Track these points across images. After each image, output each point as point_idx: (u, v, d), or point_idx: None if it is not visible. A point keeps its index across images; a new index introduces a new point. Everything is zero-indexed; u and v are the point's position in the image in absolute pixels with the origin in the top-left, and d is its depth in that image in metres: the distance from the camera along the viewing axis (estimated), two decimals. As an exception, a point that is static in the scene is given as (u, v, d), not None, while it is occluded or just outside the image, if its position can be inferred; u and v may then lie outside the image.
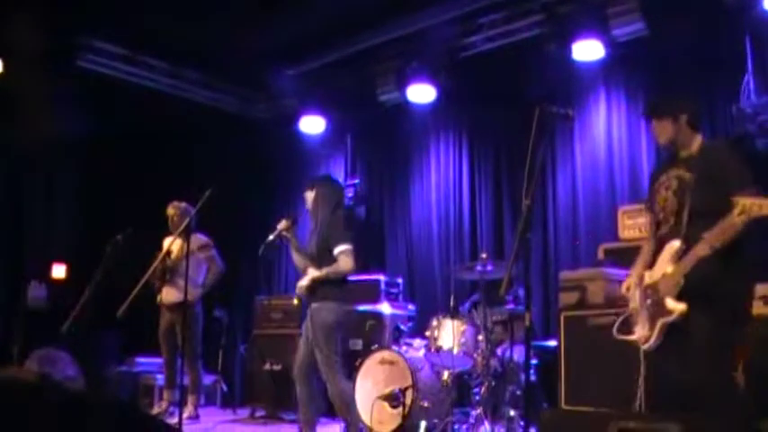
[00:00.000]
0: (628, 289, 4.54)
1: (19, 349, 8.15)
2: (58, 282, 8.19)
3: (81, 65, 9.30)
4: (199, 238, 7.74)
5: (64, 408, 3.99)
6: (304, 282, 5.93)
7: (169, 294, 7.68)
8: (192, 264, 7.01)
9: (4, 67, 8.53)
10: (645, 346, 4.33)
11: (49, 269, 9.05)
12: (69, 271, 9.27)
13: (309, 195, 6.13)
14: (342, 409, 6.01)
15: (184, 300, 6.53)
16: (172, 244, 7.43)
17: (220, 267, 8.02)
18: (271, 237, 6.05)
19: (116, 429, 3.43)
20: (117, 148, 9.69)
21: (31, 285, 7.90)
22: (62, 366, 7.79)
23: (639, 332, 4.36)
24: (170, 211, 7.89)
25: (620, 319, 4.57)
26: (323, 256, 5.91)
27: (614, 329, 4.59)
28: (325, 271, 5.85)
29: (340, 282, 5.93)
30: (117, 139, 9.62)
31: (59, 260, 9.06)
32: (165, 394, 8.04)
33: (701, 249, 4.02)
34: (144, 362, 9.18)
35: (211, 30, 8.77)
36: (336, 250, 5.86)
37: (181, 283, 6.70)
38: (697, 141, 4.45)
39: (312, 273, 5.90)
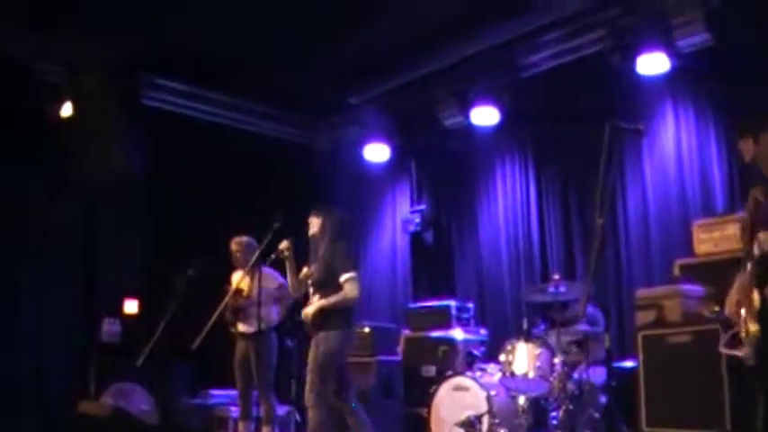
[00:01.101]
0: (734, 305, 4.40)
1: (95, 384, 8.25)
2: (130, 317, 8.29)
3: (145, 103, 9.45)
4: (272, 278, 7.65)
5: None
6: (311, 310, 5.99)
7: (243, 325, 7.67)
8: (265, 300, 7.03)
9: (73, 108, 8.70)
10: (752, 363, 4.20)
11: (121, 305, 9.17)
12: (141, 306, 9.37)
13: (315, 222, 6.23)
14: None
15: (258, 329, 6.59)
16: (241, 281, 7.42)
17: (289, 302, 7.95)
18: (272, 255, 6.29)
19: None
20: (183, 182, 9.80)
21: (105, 321, 7.99)
22: (136, 400, 7.88)
23: (745, 350, 4.23)
24: (233, 246, 7.87)
25: (729, 334, 4.42)
26: (326, 284, 6.01)
27: (722, 345, 4.45)
28: (333, 299, 5.94)
29: (346, 309, 6.03)
30: (183, 173, 9.73)
31: (131, 296, 9.17)
32: (240, 426, 8.02)
33: None
34: (218, 394, 9.18)
35: (272, 61, 8.84)
36: (343, 278, 5.95)
37: (254, 313, 6.77)
38: None
39: (320, 301, 5.97)
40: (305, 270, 6.23)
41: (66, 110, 8.73)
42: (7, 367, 9.26)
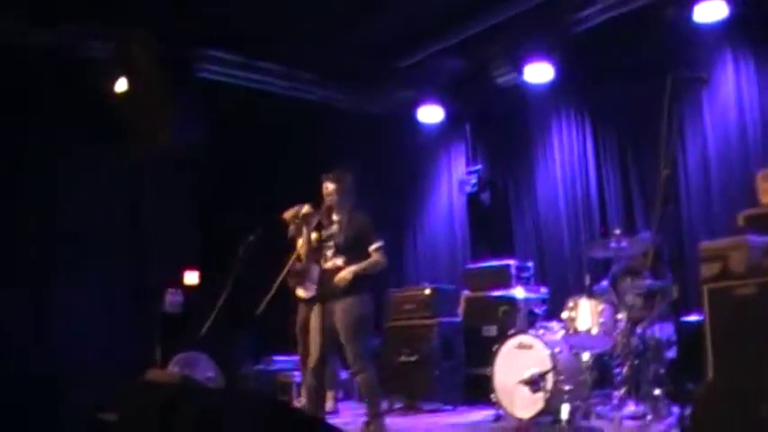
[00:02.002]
0: None
1: (160, 354, 8.39)
2: (191, 288, 8.40)
3: (199, 75, 9.50)
4: None
5: (206, 406, 4.07)
6: (347, 275, 6.02)
7: (305, 290, 7.72)
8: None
9: (128, 83, 8.79)
10: None
11: (181, 276, 9.30)
12: (201, 276, 9.49)
13: (331, 186, 6.21)
14: (373, 399, 6.15)
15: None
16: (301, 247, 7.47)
17: None
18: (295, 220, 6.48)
19: (258, 422, 3.47)
20: (238, 152, 9.87)
21: (168, 292, 8.11)
22: (202, 368, 8.01)
23: None
24: (285, 215, 7.88)
25: None
26: (353, 249, 6.10)
27: None
28: (366, 264, 6.07)
29: (372, 275, 6.17)
30: (237, 143, 9.79)
31: (191, 267, 9.30)
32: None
33: None
34: (281, 360, 9.30)
35: (323, 28, 8.81)
36: (373, 246, 6.10)
37: (312, 278, 6.97)
38: None
39: (352, 267, 6.04)
40: (314, 235, 6.32)
41: (121, 85, 8.81)
42: (73, 338, 9.48)
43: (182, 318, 8.67)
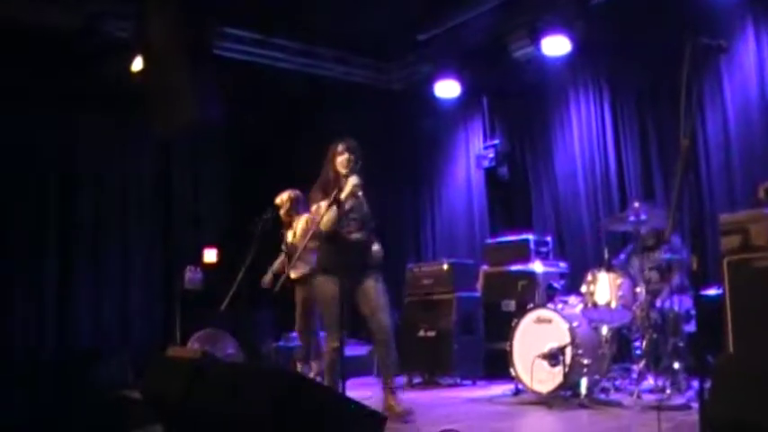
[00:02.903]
0: None
1: (181, 331, 8.46)
2: (210, 266, 8.45)
3: (217, 53, 9.50)
4: (303, 216, 7.76)
5: (227, 379, 4.11)
6: (381, 251, 6.12)
7: (293, 271, 7.79)
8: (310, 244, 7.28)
9: (145, 62, 8.80)
10: None
11: (200, 254, 9.35)
12: (220, 254, 9.53)
13: (347, 156, 6.06)
14: (395, 371, 6.16)
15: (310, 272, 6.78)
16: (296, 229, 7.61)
17: None
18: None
19: (278, 395, 3.50)
20: (256, 130, 9.88)
21: (187, 270, 8.16)
22: (222, 345, 8.07)
23: None
24: (277, 202, 7.95)
25: None
26: (369, 224, 6.11)
27: None
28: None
29: None
30: (257, 122, 9.80)
31: (210, 245, 9.35)
32: (313, 366, 8.16)
33: None
34: (300, 336, 9.34)
35: (340, 4, 8.78)
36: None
37: (302, 258, 7.06)
38: None
39: (375, 246, 6.12)
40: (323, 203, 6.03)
41: (137, 64, 8.83)
42: (96, 317, 9.58)
43: (202, 295, 8.72)
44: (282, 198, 7.87)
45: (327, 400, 3.71)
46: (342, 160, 6.04)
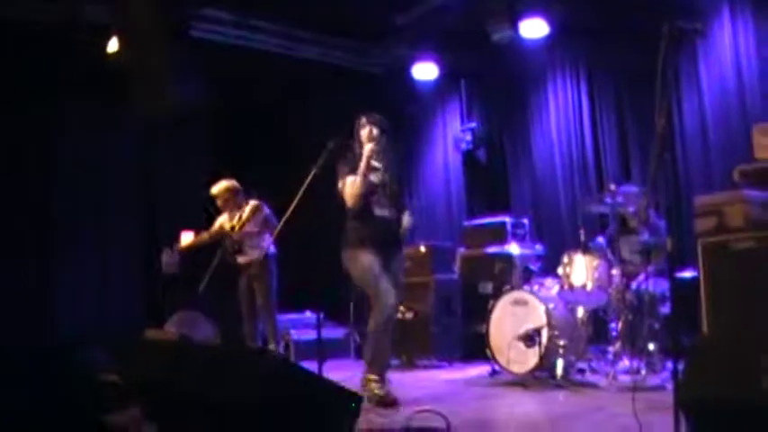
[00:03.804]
0: None
1: (158, 313, 8.44)
2: (186, 248, 8.41)
3: (194, 34, 9.43)
4: (260, 210, 7.85)
5: (210, 362, 4.11)
6: (410, 225, 5.96)
7: (242, 257, 7.87)
8: (258, 230, 7.70)
9: (120, 44, 8.73)
10: None
11: (177, 237, 9.32)
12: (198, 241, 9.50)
13: (376, 131, 5.86)
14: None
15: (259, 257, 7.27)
16: (231, 220, 7.86)
17: (275, 226, 7.90)
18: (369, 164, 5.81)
19: (257, 376, 3.51)
20: (237, 113, 9.84)
21: (164, 253, 8.13)
22: (199, 328, 8.07)
23: None
24: (213, 192, 8.00)
25: None
26: (399, 199, 5.96)
27: None
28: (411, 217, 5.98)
29: None
30: (237, 105, 9.76)
31: (187, 228, 9.32)
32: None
33: None
34: (279, 318, 9.32)
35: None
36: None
37: (249, 244, 7.59)
38: None
39: (406, 217, 5.93)
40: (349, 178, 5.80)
41: (113, 45, 8.76)
42: (76, 299, 9.53)
43: (179, 278, 8.70)
44: (220, 188, 7.94)
45: (310, 382, 3.72)
46: (364, 133, 5.87)
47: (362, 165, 5.64)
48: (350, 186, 5.67)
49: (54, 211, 9.66)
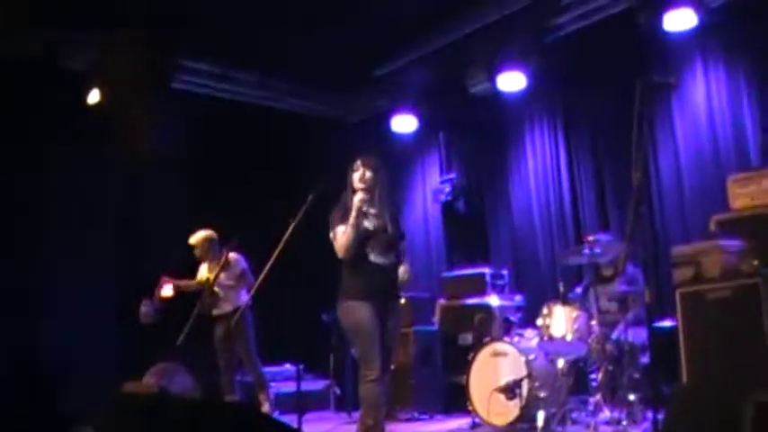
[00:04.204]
0: None
1: (136, 365, 8.36)
2: (165, 299, 8.36)
3: (176, 86, 9.49)
4: (236, 263, 7.92)
5: (184, 417, 4.05)
6: (407, 276, 5.50)
7: (217, 309, 7.91)
8: (234, 283, 7.86)
9: (102, 95, 8.77)
10: None
11: (157, 284, 9.27)
12: (176, 288, 9.45)
13: (369, 174, 5.52)
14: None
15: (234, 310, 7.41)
16: (210, 272, 7.95)
17: (251, 282, 7.87)
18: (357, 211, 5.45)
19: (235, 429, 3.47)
20: (219, 164, 9.86)
21: (142, 304, 8.09)
22: (178, 379, 7.99)
23: None
24: (192, 242, 8.08)
25: None
26: (397, 245, 5.48)
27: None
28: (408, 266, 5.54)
29: None
30: (219, 155, 9.78)
31: (168, 275, 9.28)
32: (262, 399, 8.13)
33: None
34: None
35: (296, 39, 8.83)
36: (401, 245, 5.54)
37: (224, 297, 7.81)
38: None
39: (404, 266, 5.50)
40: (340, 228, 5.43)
41: (93, 97, 8.79)
42: (51, 348, 9.40)
43: (158, 329, 8.63)
44: (198, 238, 7.99)
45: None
46: (357, 176, 5.53)
47: (352, 215, 5.32)
48: (340, 236, 5.34)
49: (39, 250, 9.56)
